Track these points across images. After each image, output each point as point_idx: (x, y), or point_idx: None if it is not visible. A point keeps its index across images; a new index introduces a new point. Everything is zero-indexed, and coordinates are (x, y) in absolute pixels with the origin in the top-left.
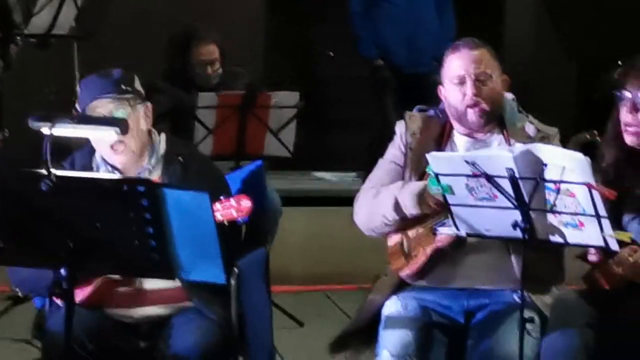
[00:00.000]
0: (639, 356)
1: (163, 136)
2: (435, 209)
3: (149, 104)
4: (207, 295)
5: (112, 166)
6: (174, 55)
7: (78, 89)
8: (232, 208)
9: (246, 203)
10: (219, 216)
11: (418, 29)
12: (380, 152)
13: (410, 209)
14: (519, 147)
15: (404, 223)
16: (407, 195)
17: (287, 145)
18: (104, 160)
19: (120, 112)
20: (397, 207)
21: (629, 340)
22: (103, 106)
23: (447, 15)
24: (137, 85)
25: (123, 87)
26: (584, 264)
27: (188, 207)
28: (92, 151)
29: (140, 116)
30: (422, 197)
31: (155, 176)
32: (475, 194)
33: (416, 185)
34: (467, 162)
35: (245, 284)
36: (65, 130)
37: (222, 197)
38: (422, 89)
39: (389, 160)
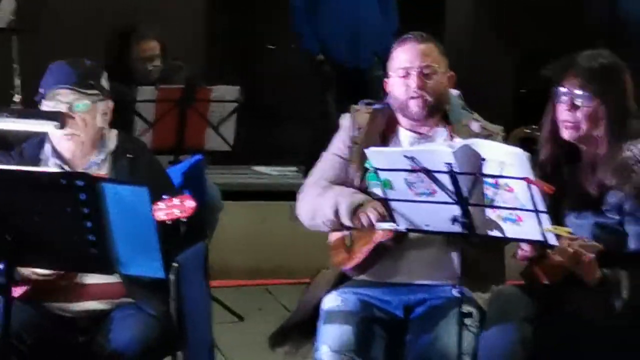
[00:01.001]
0: (577, 349)
1: (114, 132)
2: (363, 227)
3: (110, 103)
4: (146, 290)
5: (60, 158)
6: (114, 50)
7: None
8: (176, 207)
9: (190, 203)
10: (162, 215)
11: (360, 24)
12: (321, 147)
13: (344, 219)
14: (458, 142)
15: (342, 226)
16: (345, 205)
17: (227, 140)
18: (53, 152)
19: (80, 105)
20: (336, 212)
21: (567, 333)
22: (65, 95)
23: (390, 10)
24: (104, 81)
25: (89, 81)
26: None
27: (127, 201)
28: (42, 142)
29: (98, 112)
30: (357, 211)
31: (103, 171)
32: (414, 189)
33: (356, 199)
34: (406, 157)
35: (184, 279)
36: (4, 123)
37: (165, 197)
38: (364, 84)
39: (333, 153)
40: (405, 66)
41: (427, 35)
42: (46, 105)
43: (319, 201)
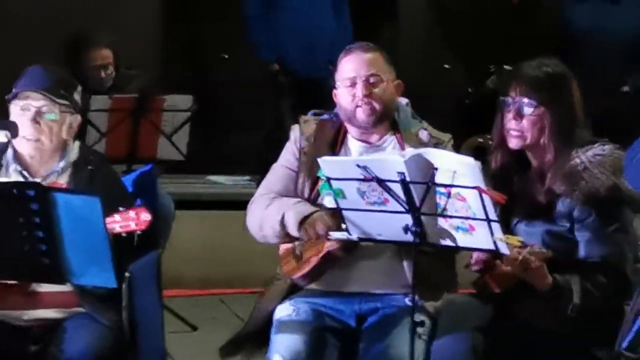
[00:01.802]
0: (530, 357)
1: (77, 143)
2: (311, 239)
3: (78, 118)
4: (99, 299)
5: (21, 164)
6: (67, 58)
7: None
8: (131, 220)
9: (146, 216)
10: (117, 228)
11: (315, 33)
12: (275, 156)
13: (292, 230)
14: (410, 151)
15: (290, 238)
16: (292, 216)
17: (180, 149)
18: (14, 157)
19: (49, 115)
20: (283, 223)
21: (518, 342)
22: (36, 99)
23: (344, 19)
24: (76, 95)
25: (62, 91)
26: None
27: (79, 211)
28: (3, 149)
29: (65, 125)
30: (304, 222)
31: (63, 179)
32: (366, 198)
33: (304, 209)
34: (358, 166)
35: (136, 288)
36: None
37: (121, 209)
38: (319, 93)
39: (282, 165)
40: (351, 76)
41: (373, 45)
42: (15, 105)
43: (266, 213)
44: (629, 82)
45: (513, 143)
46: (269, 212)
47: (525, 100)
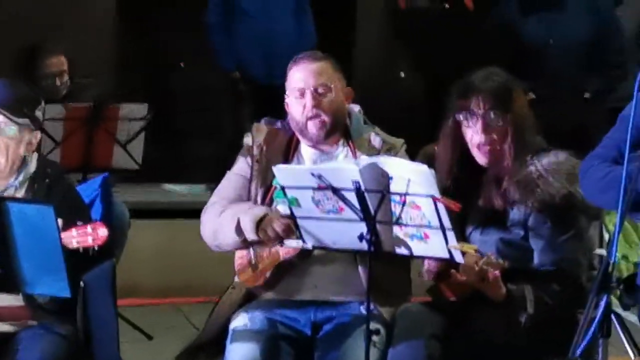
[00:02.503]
0: None
1: (35, 156)
2: (271, 239)
3: (38, 134)
4: (52, 310)
5: None
6: (21, 66)
7: None
8: (89, 235)
9: (103, 232)
10: (74, 243)
11: (276, 40)
12: (231, 164)
13: (250, 234)
14: (364, 159)
15: (246, 244)
16: (248, 219)
17: (135, 158)
18: None
19: (8, 130)
20: (238, 229)
21: (473, 350)
22: None
23: (307, 26)
24: (38, 112)
25: (23, 109)
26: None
27: (32, 220)
28: None
29: (24, 141)
30: (261, 224)
31: (20, 194)
32: (321, 206)
33: (258, 211)
34: (313, 174)
35: (91, 298)
36: None
37: (79, 223)
38: (280, 101)
39: (235, 173)
40: (300, 86)
41: (321, 54)
42: None
43: (220, 221)
44: (588, 88)
45: (482, 160)
46: (223, 219)
47: (491, 112)
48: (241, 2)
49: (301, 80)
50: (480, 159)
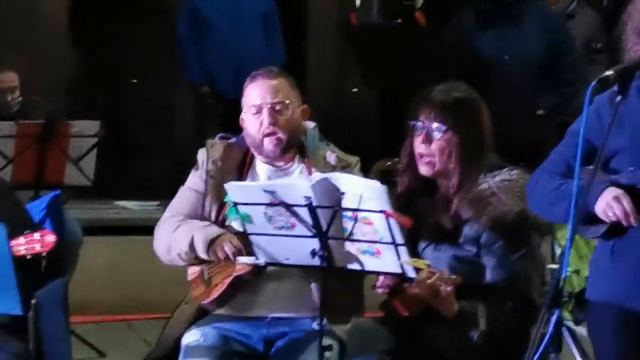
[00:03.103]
0: None
1: None
2: (220, 261)
3: None
4: (4, 328)
5: None
6: None
7: None
8: (36, 242)
9: (50, 238)
10: (22, 250)
11: (245, 55)
12: (186, 180)
13: (201, 252)
14: (317, 175)
15: (198, 260)
16: (200, 238)
17: (87, 175)
18: None
19: None
20: (192, 245)
21: None
22: None
23: (275, 41)
24: None
25: None
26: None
27: None
28: None
29: None
30: (213, 244)
31: None
32: (274, 222)
33: (212, 231)
34: (265, 191)
35: (43, 315)
36: None
37: (26, 232)
38: None
39: (189, 188)
40: (257, 103)
41: (278, 71)
42: None
43: (174, 236)
44: (541, 105)
45: (423, 169)
46: (177, 234)
47: (434, 124)
48: (211, 17)
49: (258, 97)
50: (421, 169)
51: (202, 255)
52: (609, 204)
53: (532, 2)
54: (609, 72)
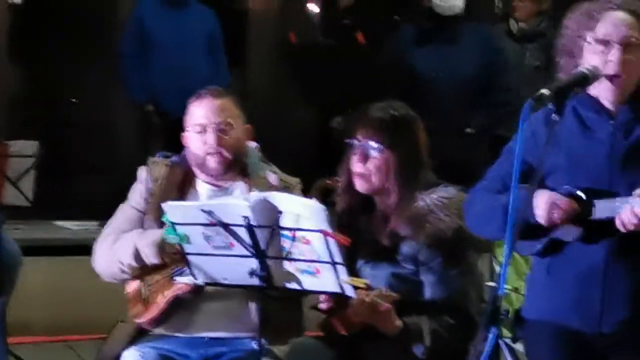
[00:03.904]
0: None
1: None
2: (175, 258)
3: None
4: None
5: None
6: None
7: None
8: None
9: None
10: None
11: (188, 74)
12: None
13: (151, 257)
14: (255, 195)
15: (144, 271)
16: (147, 244)
17: (26, 195)
18: None
19: None
20: (136, 255)
21: None
22: None
23: (220, 61)
24: None
25: None
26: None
27: None
28: None
29: None
30: (162, 246)
31: None
32: (212, 242)
33: (156, 234)
34: (203, 211)
35: None
36: None
37: None
38: None
39: (130, 206)
40: (202, 122)
41: (223, 90)
42: None
43: (114, 250)
44: (472, 124)
45: (360, 186)
46: (118, 248)
47: (371, 143)
48: (155, 35)
49: (203, 116)
50: (358, 186)
51: (153, 259)
52: (547, 212)
53: (472, 22)
54: (545, 90)
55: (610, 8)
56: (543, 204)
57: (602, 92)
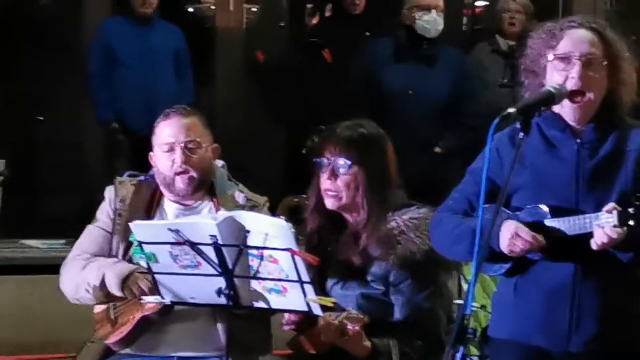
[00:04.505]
0: None
1: None
2: (136, 297)
3: None
4: None
5: None
6: None
7: None
8: None
9: None
10: None
11: (155, 93)
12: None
13: (114, 290)
14: (222, 214)
15: (110, 298)
16: (113, 276)
17: None
18: None
19: None
20: (103, 284)
21: None
22: None
23: (186, 80)
24: None
25: None
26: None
27: None
28: None
29: None
30: (127, 281)
31: None
32: (179, 262)
33: (125, 268)
34: (170, 230)
35: None
36: None
37: None
38: None
39: (97, 227)
40: (170, 141)
41: (191, 109)
42: None
43: (83, 274)
44: (441, 144)
45: (329, 203)
46: (87, 273)
47: (340, 160)
48: (122, 54)
49: (171, 135)
50: (328, 203)
51: (117, 292)
52: (511, 242)
53: (447, 45)
54: (511, 110)
55: (571, 26)
56: (508, 236)
57: (566, 110)
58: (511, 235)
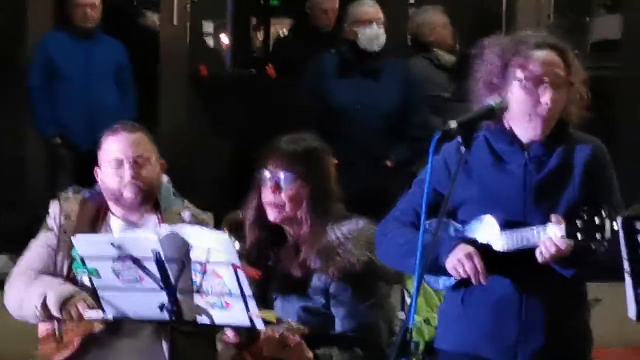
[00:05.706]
0: None
1: None
2: (73, 320)
3: None
4: None
5: None
6: None
7: None
8: None
9: None
10: None
11: (97, 107)
12: (37, 234)
13: (54, 310)
14: (165, 228)
15: (52, 317)
16: (53, 295)
17: None
18: None
19: None
20: (44, 304)
21: None
22: None
23: (128, 95)
24: None
25: None
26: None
27: None
28: None
29: None
30: (66, 303)
31: None
32: (122, 276)
33: (65, 290)
34: (113, 244)
35: None
36: None
37: None
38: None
39: (41, 242)
40: (118, 157)
41: (138, 125)
42: None
43: (26, 292)
44: (390, 156)
45: (272, 216)
46: (30, 291)
47: (283, 174)
48: (63, 68)
49: (119, 151)
50: (270, 215)
51: (55, 314)
52: (460, 261)
53: (392, 58)
54: (452, 124)
55: (539, 45)
56: (460, 255)
57: (523, 127)
58: (463, 255)
